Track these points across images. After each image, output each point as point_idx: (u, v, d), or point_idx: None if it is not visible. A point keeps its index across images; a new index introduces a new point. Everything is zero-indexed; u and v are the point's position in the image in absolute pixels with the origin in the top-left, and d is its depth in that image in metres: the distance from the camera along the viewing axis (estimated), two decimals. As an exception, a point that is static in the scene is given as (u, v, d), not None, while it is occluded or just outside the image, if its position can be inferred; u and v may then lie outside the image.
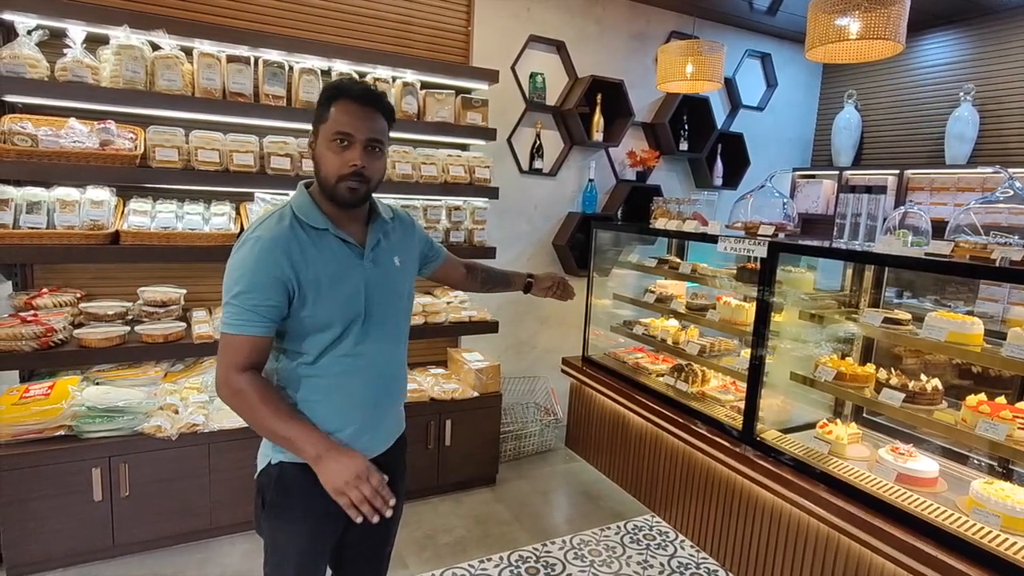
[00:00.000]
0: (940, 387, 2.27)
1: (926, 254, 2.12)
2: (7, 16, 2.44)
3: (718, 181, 4.49)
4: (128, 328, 2.66)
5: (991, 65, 3.89)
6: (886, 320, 2.33)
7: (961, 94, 3.91)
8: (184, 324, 2.77)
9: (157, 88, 2.63)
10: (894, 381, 2.32)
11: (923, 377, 2.34)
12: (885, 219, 2.52)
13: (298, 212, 1.39)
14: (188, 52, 2.73)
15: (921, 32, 4.22)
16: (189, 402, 2.75)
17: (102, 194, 2.61)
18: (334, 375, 1.42)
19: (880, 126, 4.55)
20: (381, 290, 1.47)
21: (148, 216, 2.70)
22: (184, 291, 2.88)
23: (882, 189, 2.50)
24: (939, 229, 2.40)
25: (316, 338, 1.39)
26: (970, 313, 2.35)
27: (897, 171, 4.19)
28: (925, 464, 2.25)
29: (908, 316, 2.37)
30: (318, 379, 1.41)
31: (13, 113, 2.55)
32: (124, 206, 2.72)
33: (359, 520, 1.29)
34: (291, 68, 2.93)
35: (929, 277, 3.08)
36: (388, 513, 1.31)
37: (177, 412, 2.67)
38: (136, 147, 2.63)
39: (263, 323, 1.32)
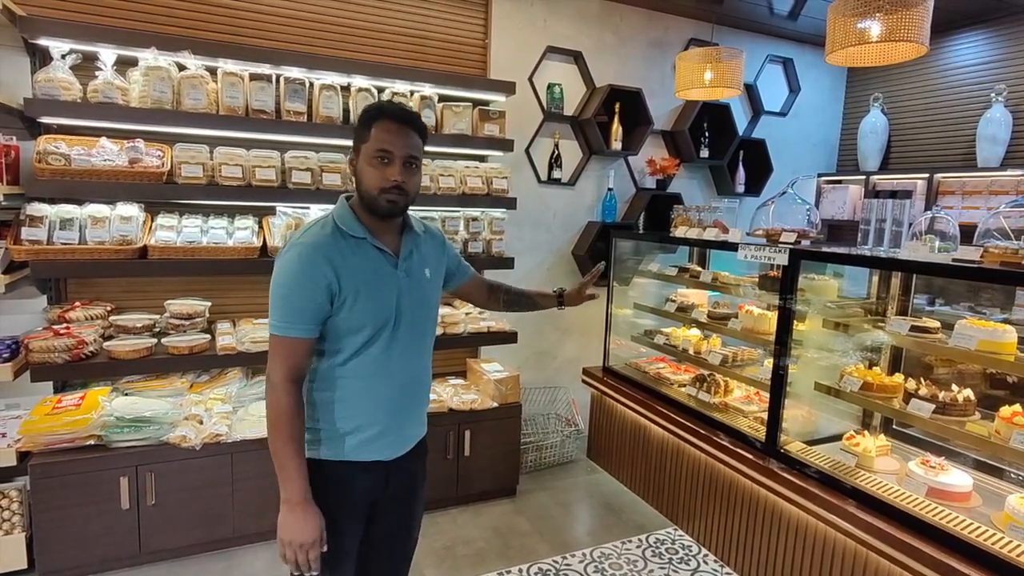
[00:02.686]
0: (972, 398, 2.19)
1: (953, 260, 2.06)
2: (42, 42, 2.55)
3: (740, 188, 4.44)
4: (155, 340, 2.73)
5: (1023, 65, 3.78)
6: (914, 328, 2.26)
7: (992, 95, 3.80)
8: (209, 336, 2.83)
9: (183, 107, 2.71)
10: (923, 391, 2.25)
11: (954, 387, 2.26)
12: (911, 224, 2.45)
13: (339, 222, 1.49)
14: (212, 71, 2.81)
15: (949, 33, 4.12)
16: (213, 412, 2.80)
17: (131, 210, 2.70)
18: (363, 376, 1.50)
19: (908, 129, 4.44)
20: (411, 298, 1.55)
21: (174, 231, 2.78)
22: (209, 304, 2.95)
23: (907, 194, 2.43)
24: (970, 234, 2.33)
25: (349, 340, 1.48)
26: (1006, 321, 2.27)
27: (927, 175, 4.09)
28: (958, 478, 2.17)
29: (937, 324, 2.29)
30: (348, 379, 1.50)
31: (48, 134, 2.65)
32: (152, 221, 2.81)
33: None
34: (311, 84, 2.99)
35: (962, 284, 2.99)
36: (312, 571, 1.44)
37: (201, 422, 2.72)
38: (163, 164, 2.71)
39: (308, 325, 1.43)
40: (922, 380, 2.36)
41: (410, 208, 1.55)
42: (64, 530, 2.46)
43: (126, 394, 2.79)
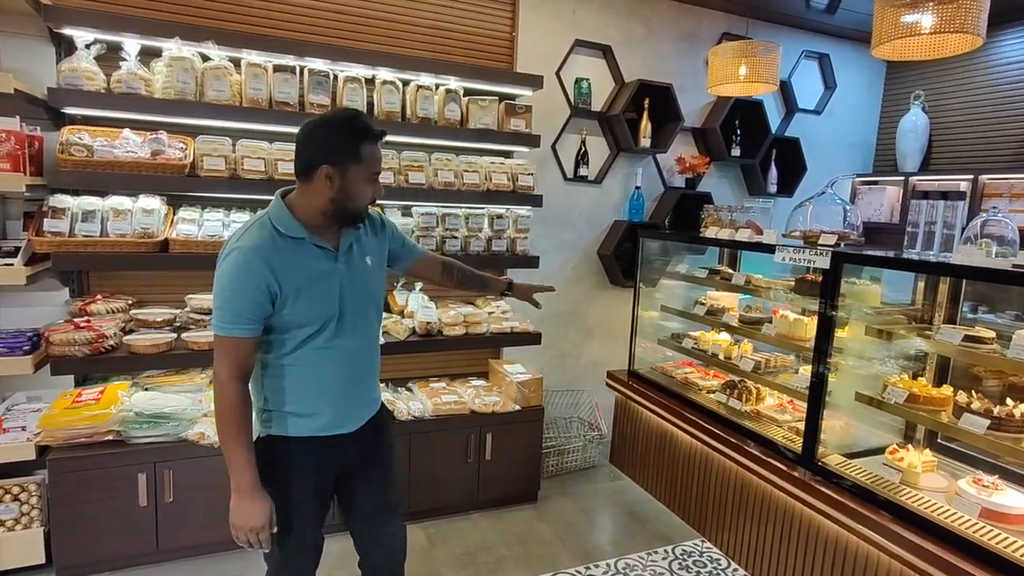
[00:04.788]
0: (1030, 413, 2.05)
1: (1014, 266, 1.93)
2: (67, 31, 2.52)
3: (772, 188, 4.29)
4: (175, 335, 2.69)
5: (1079, 60, 3.58)
6: (967, 338, 2.12)
7: (1044, 92, 3.61)
8: (229, 332, 2.78)
9: (206, 98, 2.66)
10: (976, 405, 2.11)
11: (1009, 401, 2.12)
12: (963, 228, 2.31)
13: (276, 223, 1.53)
14: (236, 63, 2.77)
15: (997, 27, 3.93)
16: (232, 409, 2.75)
17: (153, 203, 2.66)
18: (311, 364, 1.59)
19: (951, 128, 4.26)
20: (353, 289, 1.63)
21: (196, 224, 2.74)
22: (229, 299, 2.91)
23: (959, 195, 2.29)
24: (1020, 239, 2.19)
25: (294, 333, 1.56)
26: None
27: (970, 176, 3.90)
28: (1014, 498, 2.04)
29: (992, 334, 2.15)
30: (296, 368, 1.58)
31: (72, 124, 2.63)
32: (173, 214, 2.77)
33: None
34: (335, 77, 2.93)
35: (1013, 291, 2.83)
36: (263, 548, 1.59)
37: (220, 419, 2.68)
38: (185, 156, 2.67)
39: (250, 325, 1.49)
40: (973, 393, 2.22)
41: (435, 206, 1.61)
42: (82, 526, 2.43)
43: (145, 389, 2.76)
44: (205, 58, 2.69)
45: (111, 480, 2.45)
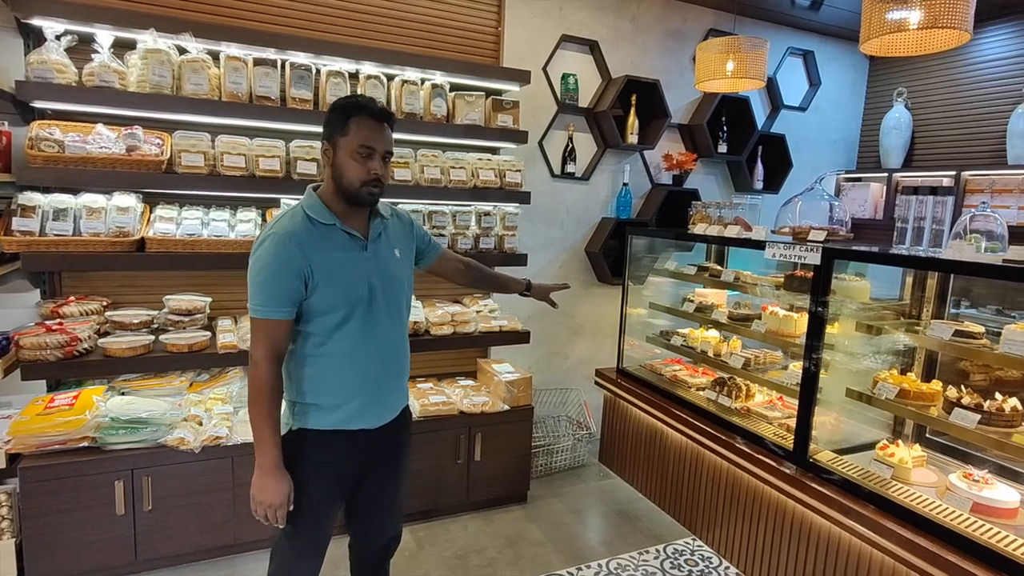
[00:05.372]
0: (1020, 407, 2.06)
1: (1004, 261, 1.93)
2: (36, 22, 2.42)
3: (758, 185, 4.30)
4: (153, 337, 2.61)
5: (1058, 58, 3.63)
6: (957, 333, 2.13)
7: (1024, 89, 3.65)
8: (209, 333, 2.70)
9: (184, 92, 2.58)
10: (966, 400, 2.11)
11: (998, 396, 2.12)
12: (953, 223, 2.32)
13: (308, 211, 1.60)
14: (215, 56, 2.68)
15: (979, 24, 3.97)
16: (213, 413, 2.68)
17: (128, 200, 2.57)
18: (343, 354, 1.62)
19: (933, 125, 4.30)
20: (382, 277, 1.67)
21: (174, 223, 2.65)
22: (209, 299, 2.83)
23: (948, 190, 2.30)
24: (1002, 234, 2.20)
25: (325, 320, 1.59)
26: None
27: (953, 172, 3.94)
28: (1004, 493, 2.04)
29: (981, 329, 2.16)
30: (329, 358, 1.62)
31: (42, 119, 2.52)
32: (150, 213, 2.68)
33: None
34: (318, 71, 2.86)
35: (997, 286, 2.86)
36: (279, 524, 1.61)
37: (201, 424, 2.60)
38: (162, 152, 2.58)
39: (284, 308, 1.54)
40: (963, 388, 2.23)
41: (421, 203, 1.60)
42: (56, 537, 2.34)
43: (122, 393, 2.67)
44: (182, 51, 2.60)
45: (86, 489, 2.36)
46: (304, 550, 1.71)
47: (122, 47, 2.57)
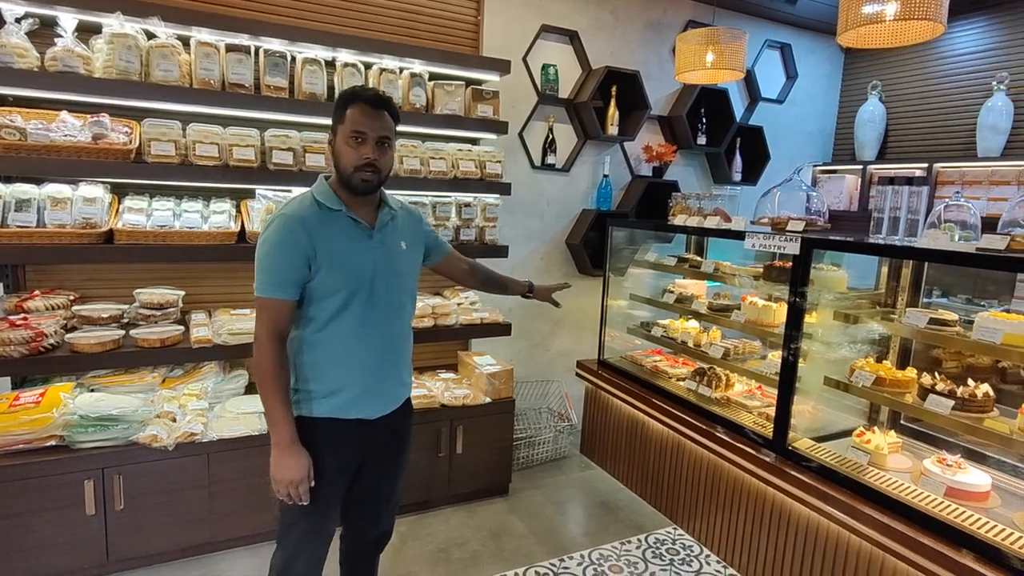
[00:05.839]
0: (991, 393, 2.10)
1: (978, 249, 1.96)
2: (-6, 3, 2.31)
3: (737, 176, 4.33)
4: (123, 332, 2.53)
5: (1026, 52, 3.71)
6: (932, 321, 2.16)
7: (994, 83, 3.73)
8: (182, 328, 2.63)
9: (153, 79, 2.49)
10: (940, 387, 2.15)
11: (970, 382, 2.17)
12: (928, 213, 2.35)
13: (318, 196, 1.64)
14: (185, 42, 2.60)
15: (951, 19, 4.03)
16: (187, 409, 2.61)
17: (95, 191, 2.48)
18: (343, 340, 1.64)
19: (906, 118, 4.37)
20: (386, 267, 1.69)
21: (144, 214, 2.57)
22: (182, 293, 2.75)
23: (923, 180, 2.33)
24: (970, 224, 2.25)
25: (326, 304, 1.62)
26: (1007, 311, 2.19)
27: (925, 165, 4.01)
28: (977, 477, 2.09)
29: (955, 316, 2.20)
30: (329, 343, 1.64)
31: (3, 106, 2.42)
32: (119, 204, 2.59)
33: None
34: (293, 59, 2.79)
35: (968, 276, 2.92)
36: (302, 501, 1.62)
37: (175, 420, 2.53)
38: (131, 141, 2.50)
39: (288, 288, 1.58)
40: (936, 375, 2.27)
41: (401, 193, 1.61)
42: (22, 538, 2.26)
43: (91, 390, 2.58)
44: (150, 36, 2.52)
45: (54, 489, 2.28)
46: (308, 537, 1.71)
47: (87, 31, 2.47)
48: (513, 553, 2.72)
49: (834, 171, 4.65)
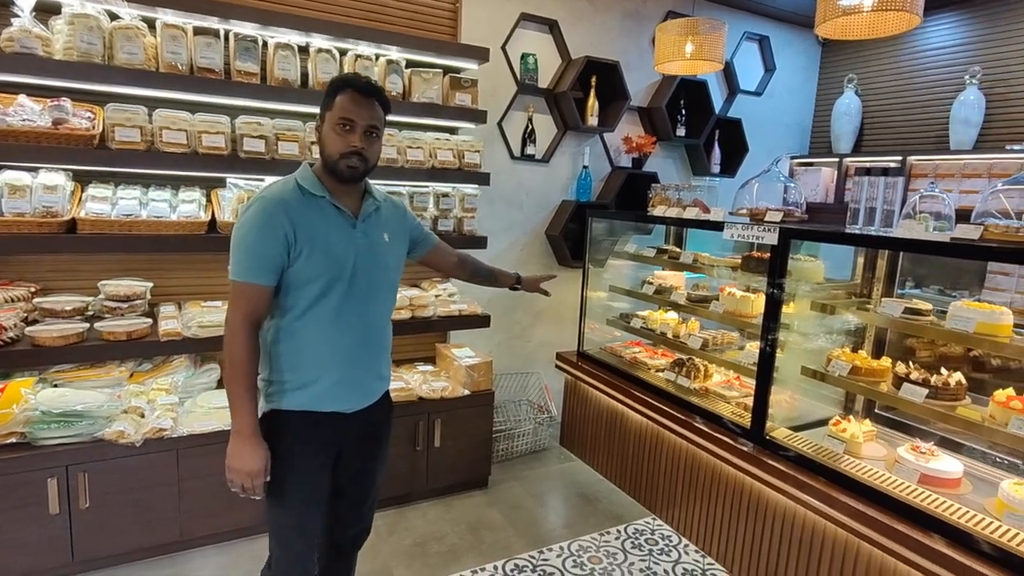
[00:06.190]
0: (963, 382, 2.13)
1: (952, 239, 1.98)
2: (-56, -20, 2.20)
3: (716, 168, 4.34)
4: (87, 325, 2.44)
5: (998, 47, 3.77)
6: (907, 311, 2.18)
7: (967, 77, 3.78)
8: (150, 320, 2.55)
9: (116, 62, 2.40)
10: (914, 375, 2.18)
11: (943, 371, 2.20)
12: (902, 204, 2.37)
13: (301, 181, 1.60)
14: (151, 24, 2.51)
15: (925, 13, 4.08)
16: (156, 404, 2.53)
17: (56, 178, 2.39)
18: (321, 327, 1.59)
19: (881, 111, 4.42)
20: (368, 258, 1.64)
21: (108, 203, 2.48)
22: (150, 284, 2.67)
23: (899, 171, 2.34)
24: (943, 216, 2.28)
25: (305, 291, 1.56)
26: (978, 301, 2.22)
27: (899, 158, 4.06)
28: (949, 464, 2.12)
29: (929, 306, 2.22)
30: (307, 330, 1.59)
31: (-45, 89, 2.31)
32: (82, 192, 2.50)
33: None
34: (265, 43, 2.72)
35: (941, 266, 2.96)
36: (255, 497, 1.58)
37: (143, 416, 2.45)
38: (93, 126, 2.40)
39: (267, 272, 1.52)
40: (911, 364, 2.29)
41: (378, 183, 1.63)
42: (-19, 539, 2.18)
43: (55, 385, 2.49)
44: (113, 16, 2.42)
45: (15, 487, 2.20)
46: (298, 531, 1.66)
47: (45, 11, 2.37)
48: (492, 546, 2.70)
49: (811, 164, 4.69)
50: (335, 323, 1.60)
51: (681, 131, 4.15)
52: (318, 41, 2.81)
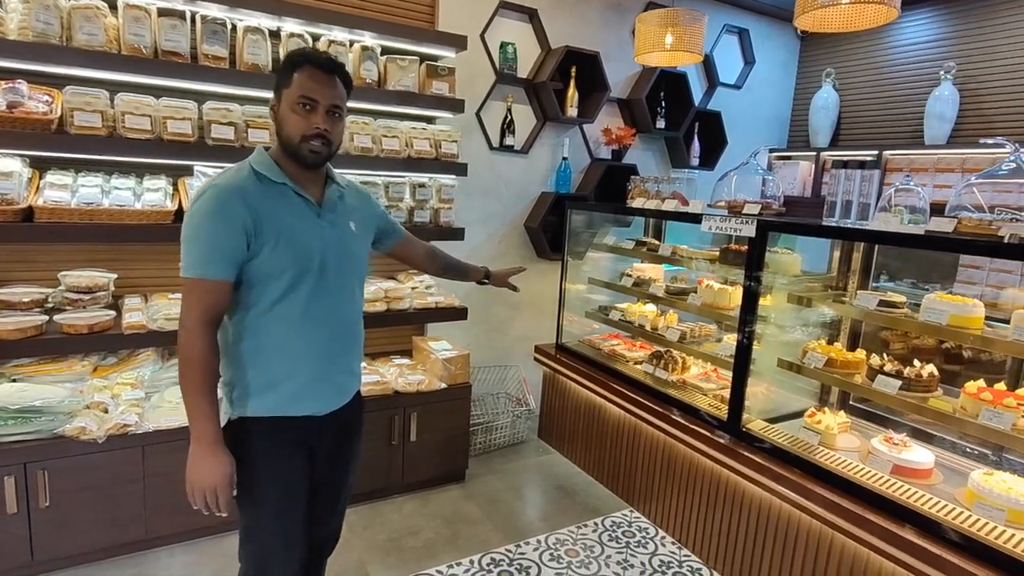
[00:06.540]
0: (936, 373, 2.15)
1: (927, 232, 1.99)
2: None
3: (695, 161, 4.34)
4: (47, 317, 2.35)
5: (972, 43, 3.81)
6: (882, 303, 2.19)
7: (941, 72, 3.82)
8: (114, 313, 2.46)
9: (75, 43, 2.29)
10: (888, 367, 2.19)
11: (916, 363, 2.21)
12: (878, 197, 2.38)
13: (256, 166, 1.47)
14: (112, 4, 2.40)
15: (902, 8, 4.11)
16: (121, 400, 2.45)
17: (12, 164, 2.28)
18: (290, 321, 1.48)
19: (858, 106, 4.45)
20: (337, 248, 1.54)
21: (68, 190, 2.38)
22: (114, 276, 2.57)
23: (875, 164, 2.35)
24: (918, 211, 2.29)
25: (271, 286, 1.45)
26: (950, 294, 2.24)
27: (875, 152, 4.10)
28: (921, 455, 2.13)
29: (903, 299, 2.23)
30: (275, 325, 1.47)
31: (-98, 69, 2.20)
32: (40, 179, 2.40)
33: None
34: (234, 27, 2.63)
35: (915, 260, 2.99)
36: (220, 513, 1.45)
37: (107, 411, 2.37)
38: (51, 111, 2.30)
39: (224, 266, 1.39)
40: (885, 356, 2.31)
41: (352, 172, 1.50)
42: (-66, 541, 2.09)
43: (13, 380, 2.40)
44: (72, -5, 2.31)
45: (-30, 486, 2.11)
46: (276, 545, 1.54)
47: (-2, -12, 2.26)
48: (469, 540, 2.67)
49: (789, 157, 4.72)
50: (304, 319, 1.49)
51: (661, 123, 4.14)
52: (290, 25, 2.73)
